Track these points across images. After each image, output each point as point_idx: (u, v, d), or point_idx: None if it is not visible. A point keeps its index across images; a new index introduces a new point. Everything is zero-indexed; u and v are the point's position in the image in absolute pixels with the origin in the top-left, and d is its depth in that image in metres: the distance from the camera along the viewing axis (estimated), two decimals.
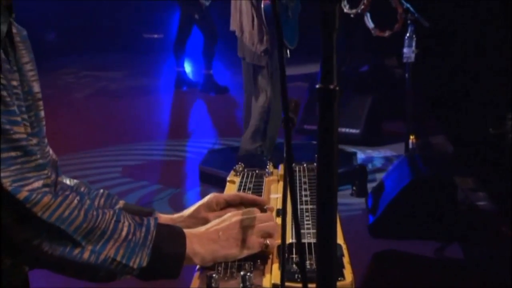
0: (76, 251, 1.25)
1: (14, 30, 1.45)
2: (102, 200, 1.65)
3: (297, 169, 1.99)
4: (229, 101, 8.12)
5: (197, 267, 1.41)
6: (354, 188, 5.09)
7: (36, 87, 1.49)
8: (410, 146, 5.37)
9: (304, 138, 6.06)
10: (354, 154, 5.88)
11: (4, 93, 1.23)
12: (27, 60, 1.48)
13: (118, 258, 1.28)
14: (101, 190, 1.68)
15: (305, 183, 1.86)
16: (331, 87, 0.93)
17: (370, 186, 5.09)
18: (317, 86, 0.94)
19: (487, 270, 3.96)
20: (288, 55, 5.20)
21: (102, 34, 10.75)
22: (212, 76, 8.60)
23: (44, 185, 1.24)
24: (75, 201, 1.27)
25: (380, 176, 5.32)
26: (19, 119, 1.26)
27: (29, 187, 1.21)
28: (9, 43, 1.36)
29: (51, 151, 1.62)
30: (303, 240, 1.48)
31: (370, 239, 4.32)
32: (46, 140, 1.55)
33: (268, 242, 1.44)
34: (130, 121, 7.53)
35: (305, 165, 2.01)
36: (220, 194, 1.71)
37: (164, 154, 6.35)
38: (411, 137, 5.37)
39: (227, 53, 7.89)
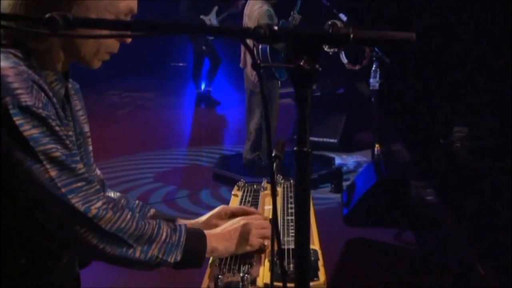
0: (130, 251, 1.30)
1: (69, 85, 1.47)
2: (138, 209, 1.69)
3: (285, 185, 1.99)
4: (237, 115, 8.09)
5: (206, 270, 1.43)
6: (332, 186, 5.08)
7: (86, 128, 1.52)
8: (376, 152, 5.35)
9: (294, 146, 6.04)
10: (333, 158, 5.85)
11: (67, 141, 1.26)
12: (79, 107, 1.51)
13: (160, 255, 1.33)
14: (137, 201, 1.72)
15: (291, 197, 1.85)
16: (305, 149, 0.95)
17: (345, 184, 5.06)
18: (295, 148, 0.96)
19: (433, 251, 3.97)
20: (279, 85, 5.23)
21: (139, 63, 10.75)
22: (210, 92, 8.53)
23: (103, 204, 1.28)
24: (129, 215, 1.31)
25: (352, 176, 5.29)
26: (79, 158, 1.30)
27: (95, 206, 1.25)
28: (66, 100, 1.39)
29: (98, 172, 1.65)
30: (288, 246, 1.50)
31: (345, 227, 4.32)
32: (94, 166, 1.59)
33: (265, 242, 1.50)
34: (161, 131, 7.50)
35: (291, 181, 2.01)
36: (228, 206, 1.73)
37: (186, 158, 6.32)
38: (377, 145, 5.35)
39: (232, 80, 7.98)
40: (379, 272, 3.62)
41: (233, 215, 1.66)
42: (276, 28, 0.90)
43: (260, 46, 4.98)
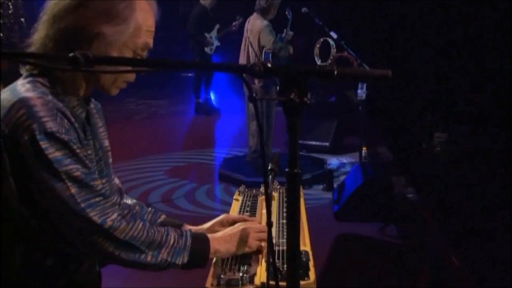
0: (142, 256, 1.32)
1: (91, 105, 1.48)
2: (150, 215, 1.70)
3: (280, 190, 1.98)
4: (239, 121, 8.05)
5: (210, 270, 1.45)
6: (324, 185, 5.09)
7: (106, 142, 1.53)
8: (363, 154, 5.37)
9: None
10: (325, 160, 5.87)
11: (87, 161, 1.28)
12: (100, 125, 1.52)
13: (169, 259, 1.35)
14: (150, 208, 1.72)
15: (285, 201, 1.84)
16: (295, 171, 0.97)
17: (336, 183, 5.07)
18: (286, 170, 0.97)
19: (413, 244, 3.98)
20: (277, 89, 5.22)
21: (153, 73, 10.67)
22: (208, 100, 8.53)
23: (118, 215, 1.30)
24: (140, 225, 1.33)
25: (342, 176, 5.30)
26: (96, 176, 1.32)
27: (110, 218, 1.27)
28: (86, 122, 1.40)
29: (117, 181, 1.65)
30: (283, 247, 1.49)
31: (335, 222, 4.34)
32: (113, 177, 1.58)
33: (262, 244, 1.51)
34: (172, 135, 7.51)
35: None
36: (229, 215, 1.73)
37: (195, 159, 6.30)
38: (364, 148, 5.37)
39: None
40: (364, 263, 3.64)
41: (234, 222, 1.66)
42: (269, 65, 0.91)
43: (263, 52, 5.04)
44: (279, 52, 5.14)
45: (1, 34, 6.99)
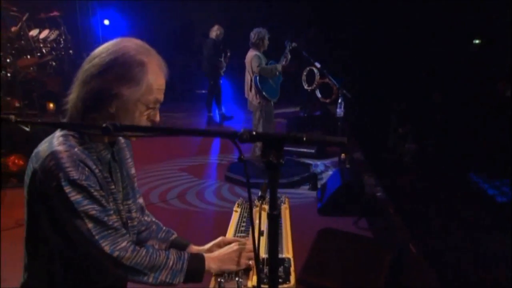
0: (145, 277, 1.35)
1: (122, 140, 1.50)
2: (164, 233, 1.69)
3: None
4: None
5: (213, 275, 1.47)
6: (309, 185, 5.11)
7: (132, 170, 1.54)
8: (342, 159, 5.40)
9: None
10: (310, 164, 5.89)
11: (103, 201, 1.31)
12: (128, 156, 1.54)
13: (167, 280, 1.38)
14: (164, 227, 1.71)
15: None
16: (275, 213, 1.01)
17: (319, 184, 5.08)
18: (267, 212, 1.02)
19: (379, 234, 4.01)
20: (273, 104, 5.33)
21: (171, 90, 10.65)
22: (224, 114, 8.59)
23: (128, 242, 1.33)
24: (144, 253, 1.36)
25: (325, 177, 5.33)
26: (111, 212, 1.34)
27: (119, 246, 1.31)
28: (112, 159, 1.43)
29: (141, 201, 1.63)
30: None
31: (318, 217, 4.36)
32: (138, 196, 1.58)
33: (251, 263, 1.49)
34: (188, 144, 7.50)
35: (282, 198, 1.93)
36: (225, 237, 1.68)
37: (204, 163, 6.31)
38: (342, 154, 5.40)
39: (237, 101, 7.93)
40: (341, 249, 3.65)
41: (229, 243, 1.61)
42: (254, 133, 0.97)
43: (254, 76, 5.14)
44: (270, 73, 5.23)
45: (54, 63, 7.10)
